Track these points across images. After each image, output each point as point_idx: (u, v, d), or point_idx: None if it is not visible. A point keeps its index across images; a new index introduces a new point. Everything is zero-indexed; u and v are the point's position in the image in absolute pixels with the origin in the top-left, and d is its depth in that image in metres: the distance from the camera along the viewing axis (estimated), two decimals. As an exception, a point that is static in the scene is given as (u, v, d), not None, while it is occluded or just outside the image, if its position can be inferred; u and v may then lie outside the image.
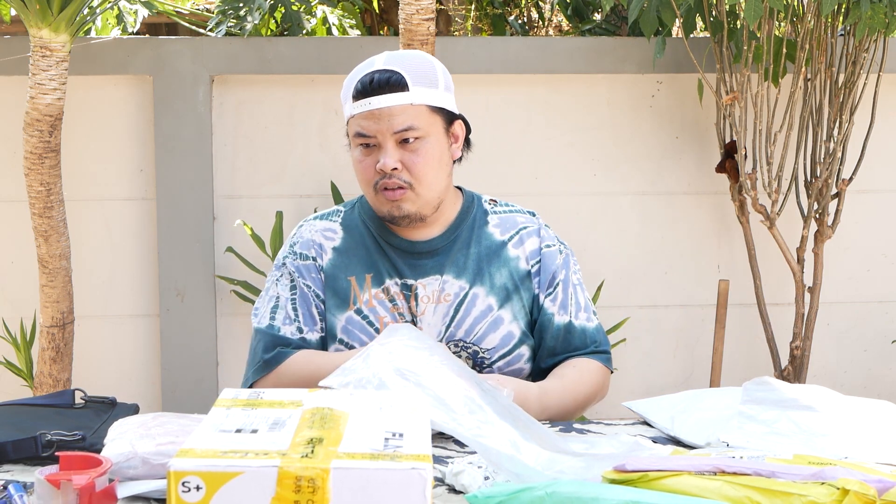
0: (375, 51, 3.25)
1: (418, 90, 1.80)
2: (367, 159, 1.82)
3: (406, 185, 1.81)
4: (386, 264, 1.88)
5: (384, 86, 1.78)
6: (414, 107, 1.79)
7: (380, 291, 1.86)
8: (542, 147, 3.34)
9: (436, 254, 1.88)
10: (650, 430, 1.73)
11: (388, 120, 1.79)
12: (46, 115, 2.75)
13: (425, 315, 1.85)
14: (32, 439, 1.49)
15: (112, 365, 3.33)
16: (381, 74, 1.79)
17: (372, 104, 1.79)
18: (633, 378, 3.41)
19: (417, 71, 1.81)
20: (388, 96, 1.78)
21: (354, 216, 1.94)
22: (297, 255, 1.91)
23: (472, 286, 1.87)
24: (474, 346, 1.86)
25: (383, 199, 1.83)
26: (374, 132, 1.80)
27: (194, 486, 0.95)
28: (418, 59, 1.84)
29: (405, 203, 1.82)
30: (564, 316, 1.92)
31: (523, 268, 1.91)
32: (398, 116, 1.79)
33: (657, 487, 1.17)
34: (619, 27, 3.56)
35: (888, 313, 3.47)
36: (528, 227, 1.94)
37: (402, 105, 1.79)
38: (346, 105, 1.85)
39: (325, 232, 1.92)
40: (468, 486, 1.35)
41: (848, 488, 1.09)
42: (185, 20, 3.68)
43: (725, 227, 3.39)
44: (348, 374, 1.39)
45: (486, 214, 1.94)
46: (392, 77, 1.79)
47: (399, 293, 1.86)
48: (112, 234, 3.29)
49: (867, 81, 3.11)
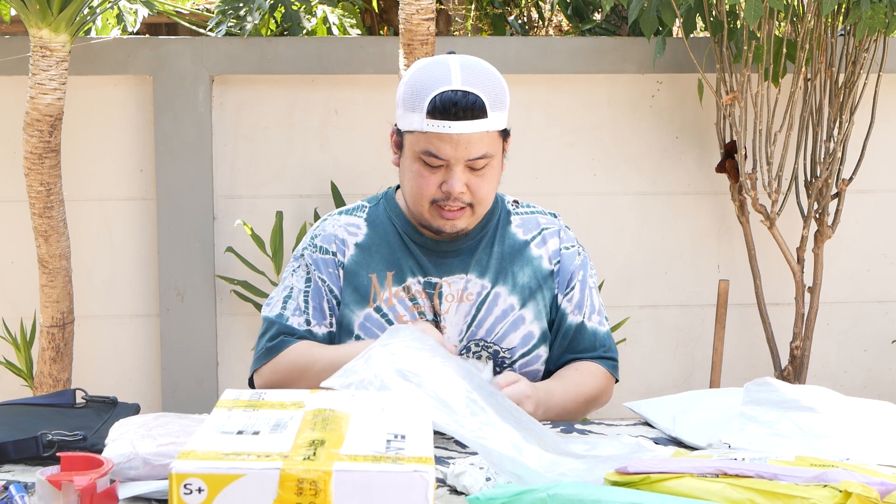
0: (375, 51, 3.28)
1: (495, 115, 1.75)
2: (430, 176, 1.77)
3: (466, 206, 1.79)
4: (410, 262, 1.86)
5: (467, 111, 1.72)
6: (489, 134, 1.75)
7: (400, 290, 1.85)
8: (542, 147, 3.34)
9: (461, 252, 1.87)
10: (651, 431, 1.72)
11: (465, 147, 1.73)
12: (46, 115, 2.74)
13: (449, 314, 1.85)
14: (33, 439, 1.49)
15: (112, 365, 3.33)
16: (463, 97, 1.71)
17: (452, 128, 1.72)
18: (633, 378, 3.41)
19: (493, 93, 1.75)
20: (469, 123, 1.72)
21: (380, 212, 1.92)
22: (318, 248, 1.90)
23: (494, 285, 1.87)
24: (495, 345, 1.86)
25: (437, 216, 1.80)
26: (448, 157, 1.74)
27: (196, 489, 0.95)
28: (491, 76, 1.77)
29: (460, 221, 1.81)
30: (578, 316, 1.91)
31: (546, 267, 1.90)
32: (476, 144, 1.74)
33: (659, 489, 1.17)
34: (619, 27, 3.56)
35: (888, 313, 3.47)
36: (550, 228, 1.94)
37: (481, 133, 1.74)
38: (410, 114, 1.76)
39: (348, 227, 1.91)
40: (470, 488, 1.35)
41: (850, 491, 1.09)
42: (185, 20, 3.68)
43: (725, 227, 3.39)
44: (350, 376, 1.39)
45: (510, 215, 1.94)
46: (476, 102, 1.71)
47: (421, 291, 1.85)
48: (112, 234, 3.29)
49: (867, 81, 3.11)
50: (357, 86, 3.27)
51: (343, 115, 3.29)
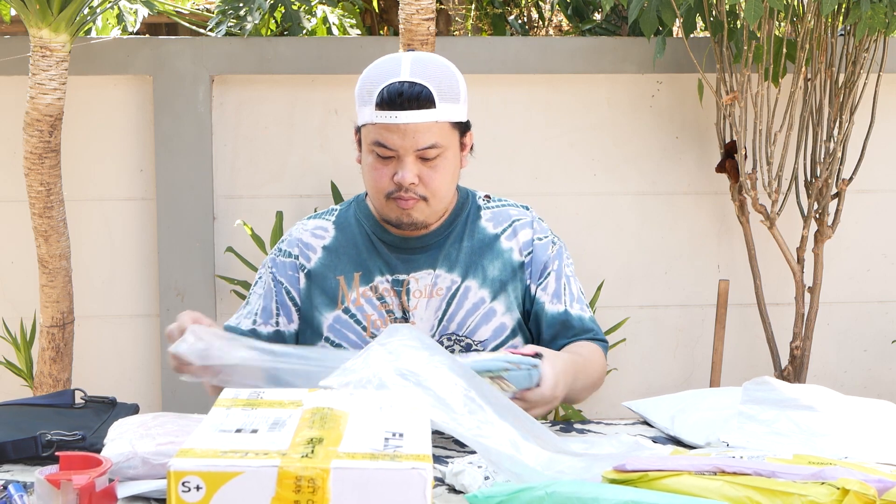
0: (375, 51, 3.27)
1: (444, 107, 1.77)
2: (383, 168, 1.80)
3: (420, 198, 1.81)
4: (377, 261, 1.89)
5: (413, 101, 1.74)
6: (438, 124, 1.77)
7: (367, 290, 1.87)
8: (542, 147, 3.34)
9: (428, 248, 1.89)
10: (650, 430, 1.73)
11: (412, 136, 1.76)
12: (46, 115, 2.75)
13: (417, 310, 1.86)
14: (33, 439, 1.49)
15: (112, 365, 3.33)
16: (409, 87, 1.74)
17: (398, 118, 1.75)
18: (633, 378, 3.41)
19: (443, 85, 1.77)
20: (415, 112, 1.75)
21: (349, 214, 1.95)
22: (282, 251, 1.94)
23: (464, 279, 1.88)
24: (467, 338, 1.87)
25: (394, 207, 1.83)
26: (396, 147, 1.77)
27: (194, 486, 0.95)
28: (442, 69, 1.80)
29: (415, 212, 1.83)
30: (559, 305, 1.92)
31: (517, 259, 1.91)
32: (423, 134, 1.76)
33: (657, 487, 1.17)
34: (619, 27, 3.56)
35: (888, 313, 3.47)
36: (521, 220, 1.95)
37: (428, 122, 1.76)
38: (363, 108, 1.80)
39: (315, 231, 1.94)
40: (468, 486, 1.35)
41: (848, 488, 1.09)
42: (185, 20, 3.68)
43: (725, 227, 3.39)
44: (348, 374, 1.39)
45: (480, 209, 1.95)
46: (422, 92, 1.74)
47: (389, 290, 1.87)
48: (112, 234, 3.29)
49: (867, 81, 3.11)
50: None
51: (343, 115, 3.29)
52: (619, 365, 3.36)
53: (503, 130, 3.31)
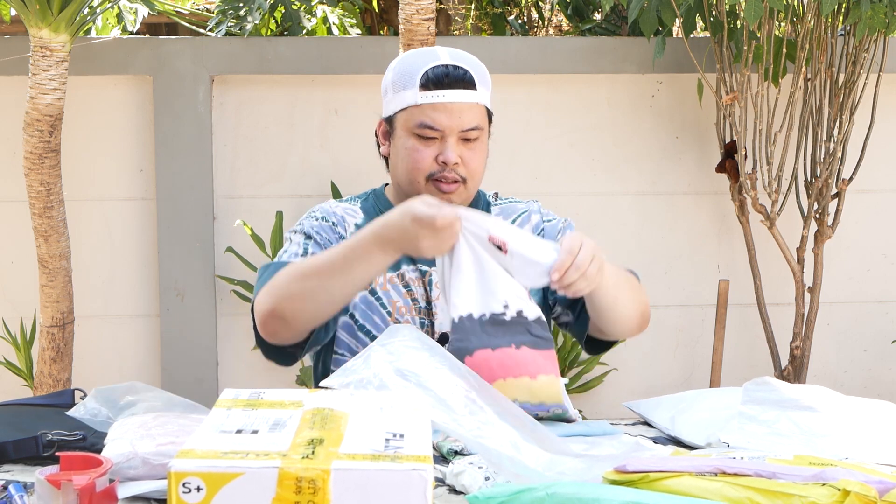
0: (375, 51, 3.28)
1: (482, 90, 1.84)
2: (425, 150, 1.82)
3: (460, 180, 1.84)
4: None
5: (458, 81, 1.80)
6: (479, 106, 1.83)
7: (395, 276, 1.87)
8: (542, 147, 3.34)
9: None
10: (651, 431, 1.73)
11: (458, 116, 1.80)
12: (46, 115, 2.74)
13: (440, 301, 1.86)
14: (33, 439, 1.49)
15: (112, 365, 3.33)
16: (454, 70, 1.81)
17: (446, 97, 1.80)
18: (633, 378, 3.41)
19: (478, 70, 1.84)
20: (461, 92, 1.80)
21: (370, 205, 1.95)
22: (318, 218, 1.90)
23: None
24: None
25: (434, 191, 1.83)
26: (443, 126, 1.80)
27: (195, 487, 0.95)
28: (473, 58, 1.87)
29: (455, 196, 1.84)
30: None
31: None
32: (468, 114, 1.81)
33: (658, 488, 1.17)
34: (619, 27, 3.56)
35: (888, 313, 3.47)
36: (528, 211, 1.98)
37: (471, 103, 1.82)
38: (402, 93, 1.82)
39: (347, 210, 1.93)
40: (469, 487, 1.35)
41: (849, 489, 1.09)
42: (185, 20, 3.68)
43: (725, 227, 3.39)
44: (349, 375, 1.39)
45: (490, 206, 1.99)
46: (465, 74, 1.81)
47: (415, 279, 1.87)
48: (112, 234, 3.29)
49: (867, 81, 3.11)
50: (357, 86, 3.27)
51: (343, 115, 3.29)
52: (619, 365, 3.36)
53: (503, 130, 3.29)
